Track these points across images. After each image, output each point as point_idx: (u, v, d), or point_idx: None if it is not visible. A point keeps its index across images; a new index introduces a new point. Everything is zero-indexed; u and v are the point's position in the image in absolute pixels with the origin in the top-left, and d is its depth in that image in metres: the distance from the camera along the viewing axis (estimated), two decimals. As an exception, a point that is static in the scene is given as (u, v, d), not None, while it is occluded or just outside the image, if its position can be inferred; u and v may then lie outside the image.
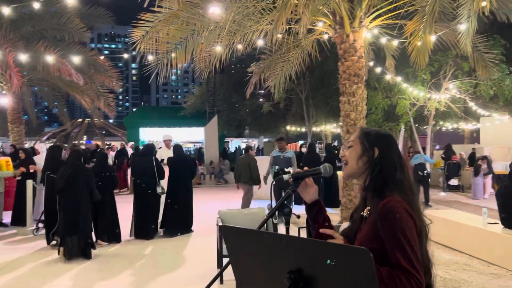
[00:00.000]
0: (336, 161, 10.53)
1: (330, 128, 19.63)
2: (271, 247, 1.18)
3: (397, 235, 1.32)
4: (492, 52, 8.29)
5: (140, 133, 22.84)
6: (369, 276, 0.99)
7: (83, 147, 18.80)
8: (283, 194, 1.65)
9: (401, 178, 1.48)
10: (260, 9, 6.75)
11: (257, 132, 23.80)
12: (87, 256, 5.40)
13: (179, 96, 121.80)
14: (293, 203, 8.34)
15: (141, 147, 12.08)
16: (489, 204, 7.90)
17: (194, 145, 24.76)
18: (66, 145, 18.66)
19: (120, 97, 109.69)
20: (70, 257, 5.29)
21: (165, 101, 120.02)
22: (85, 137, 29.11)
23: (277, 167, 7.51)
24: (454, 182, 12.23)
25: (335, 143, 20.01)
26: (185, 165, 7.04)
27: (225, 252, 4.68)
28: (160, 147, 8.31)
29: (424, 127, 14.79)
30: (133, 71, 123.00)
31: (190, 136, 23.22)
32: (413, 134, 13.69)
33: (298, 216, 1.60)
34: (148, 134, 22.80)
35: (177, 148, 7.16)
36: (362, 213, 1.55)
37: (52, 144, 12.01)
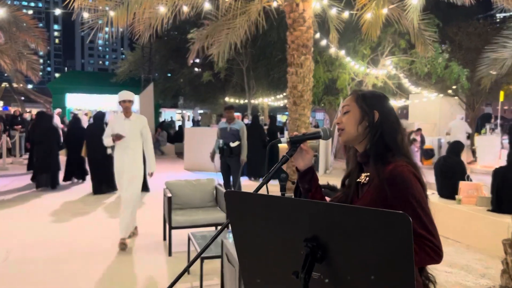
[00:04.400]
0: (278, 133, 10.65)
1: (267, 101, 19.71)
2: (286, 213, 1.09)
3: (409, 200, 1.30)
4: (429, 30, 8.68)
5: (66, 99, 21.43)
6: (406, 244, 0.94)
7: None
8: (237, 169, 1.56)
9: (401, 141, 1.45)
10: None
11: (194, 103, 23.32)
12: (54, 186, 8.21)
13: (107, 62, 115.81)
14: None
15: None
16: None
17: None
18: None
19: (41, 61, 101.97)
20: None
21: (91, 67, 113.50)
22: (1, 103, 26.79)
23: (221, 141, 6.99)
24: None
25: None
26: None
27: (174, 224, 4.55)
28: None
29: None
30: (56, 33, 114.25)
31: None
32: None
33: (293, 182, 1.54)
34: (75, 101, 21.45)
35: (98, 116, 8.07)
36: (358, 179, 1.51)
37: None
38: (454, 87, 13.88)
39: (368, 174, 1.46)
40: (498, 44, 10.11)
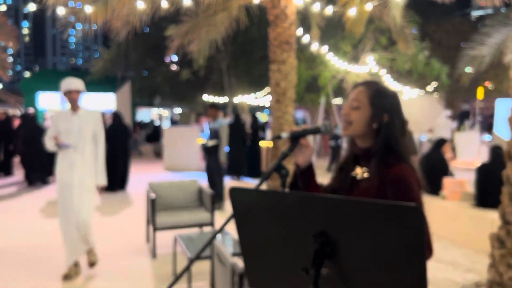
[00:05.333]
0: (260, 131, 10.65)
1: (247, 101, 19.68)
2: (293, 208, 1.08)
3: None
4: (409, 28, 8.82)
5: (38, 99, 20.95)
6: (419, 238, 0.95)
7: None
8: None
9: (405, 143, 1.48)
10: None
11: (172, 102, 23.08)
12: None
13: (80, 61, 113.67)
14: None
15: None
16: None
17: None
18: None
19: (11, 59, 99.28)
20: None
21: (63, 65, 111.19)
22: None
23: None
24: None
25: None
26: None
27: (158, 225, 4.50)
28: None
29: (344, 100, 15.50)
30: (25, 31, 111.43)
31: (99, 104, 21.83)
32: (330, 107, 14.26)
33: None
34: (48, 101, 20.97)
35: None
36: (353, 174, 1.52)
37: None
38: (434, 84, 14.15)
39: (366, 170, 1.48)
40: (476, 42, 10.35)
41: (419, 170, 5.00)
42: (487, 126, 17.93)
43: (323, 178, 1.70)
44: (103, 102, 20.96)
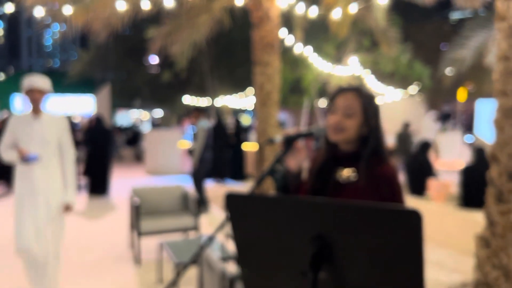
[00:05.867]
0: (243, 134, 10.65)
1: (229, 104, 19.65)
2: (291, 213, 1.09)
3: (398, 202, 1.43)
4: (392, 30, 8.95)
5: (14, 102, 20.59)
6: (417, 242, 0.96)
7: None
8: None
9: (384, 144, 1.54)
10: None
11: (153, 104, 22.89)
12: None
13: (57, 62, 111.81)
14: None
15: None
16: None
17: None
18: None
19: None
20: None
21: (40, 68, 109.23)
22: None
23: None
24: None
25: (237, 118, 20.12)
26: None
27: (143, 231, 4.46)
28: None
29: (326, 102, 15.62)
30: (0, 32, 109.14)
31: (77, 107, 21.51)
32: (313, 109, 14.39)
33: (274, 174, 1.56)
34: (24, 104, 20.61)
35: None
36: (338, 176, 1.52)
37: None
38: (417, 87, 14.39)
39: (352, 173, 1.50)
40: (457, 44, 10.57)
41: (404, 171, 5.11)
42: (469, 127, 18.31)
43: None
44: (82, 105, 20.69)
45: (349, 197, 1.46)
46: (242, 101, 18.24)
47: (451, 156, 12.03)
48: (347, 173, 1.51)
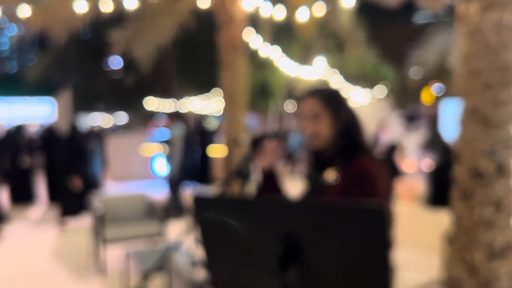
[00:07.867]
0: (209, 138, 10.65)
1: (194, 110, 19.49)
2: (260, 214, 1.10)
3: (372, 198, 1.37)
4: (358, 32, 9.14)
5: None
6: (381, 238, 0.99)
7: None
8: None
9: (364, 138, 1.52)
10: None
11: (116, 107, 22.45)
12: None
13: (15, 66, 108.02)
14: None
15: None
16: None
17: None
18: None
19: None
20: None
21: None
22: None
23: None
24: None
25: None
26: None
27: (108, 237, 4.37)
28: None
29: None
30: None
31: (36, 113, 20.77)
32: (280, 111, 14.50)
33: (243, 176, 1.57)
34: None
35: None
36: (324, 178, 1.54)
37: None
38: (385, 87, 14.73)
39: (333, 173, 1.51)
40: (420, 48, 10.91)
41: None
42: (434, 127, 18.81)
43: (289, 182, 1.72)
44: (41, 111, 20.04)
45: (329, 196, 1.46)
46: (208, 103, 18.17)
47: (416, 157, 12.35)
48: (330, 173, 1.53)
